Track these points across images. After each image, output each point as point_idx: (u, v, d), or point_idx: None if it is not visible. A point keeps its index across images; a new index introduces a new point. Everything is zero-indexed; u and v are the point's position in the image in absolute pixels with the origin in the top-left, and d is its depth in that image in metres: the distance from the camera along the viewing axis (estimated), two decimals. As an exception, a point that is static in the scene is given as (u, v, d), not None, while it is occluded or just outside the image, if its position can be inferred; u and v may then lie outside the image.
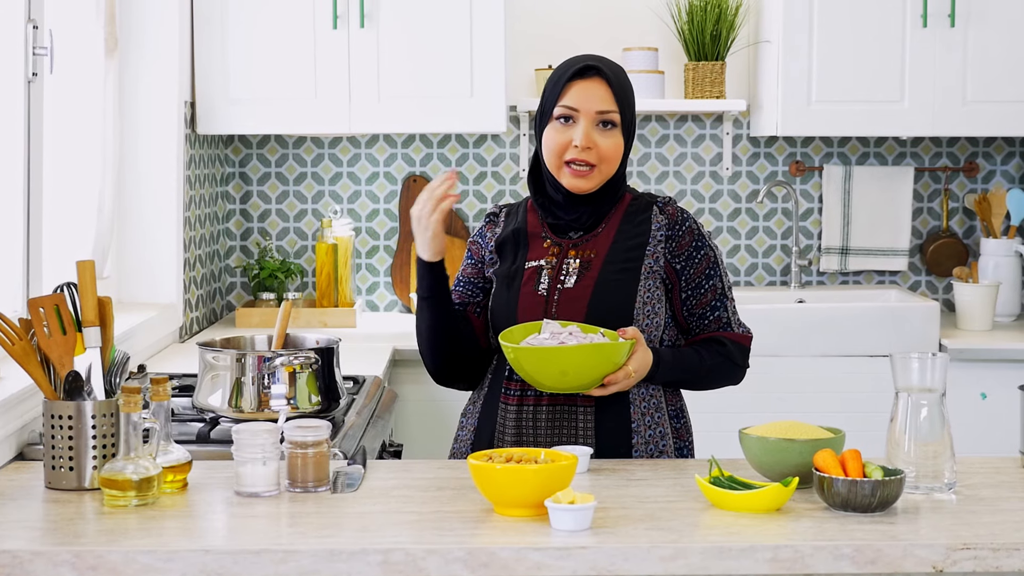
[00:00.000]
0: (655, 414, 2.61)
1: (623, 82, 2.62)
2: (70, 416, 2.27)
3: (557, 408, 2.56)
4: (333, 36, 4.13)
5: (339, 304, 4.37)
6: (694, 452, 2.72)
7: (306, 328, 4.16)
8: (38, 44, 2.99)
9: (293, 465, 2.26)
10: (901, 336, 4.11)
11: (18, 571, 1.91)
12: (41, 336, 2.31)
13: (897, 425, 2.28)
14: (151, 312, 3.67)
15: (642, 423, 2.58)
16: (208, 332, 4.20)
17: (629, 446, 2.56)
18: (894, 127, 4.33)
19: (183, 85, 3.97)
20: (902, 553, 1.97)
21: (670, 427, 2.63)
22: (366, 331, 4.23)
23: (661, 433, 2.60)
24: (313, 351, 2.66)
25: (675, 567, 1.95)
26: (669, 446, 2.61)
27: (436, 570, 1.93)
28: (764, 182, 4.68)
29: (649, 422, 2.60)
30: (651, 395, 2.61)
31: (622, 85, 2.61)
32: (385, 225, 4.63)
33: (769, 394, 4.08)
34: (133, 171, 3.86)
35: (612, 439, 2.56)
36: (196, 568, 1.92)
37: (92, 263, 2.36)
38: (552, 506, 2.03)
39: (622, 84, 2.61)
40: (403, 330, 4.20)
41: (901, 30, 4.25)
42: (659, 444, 2.59)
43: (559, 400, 2.55)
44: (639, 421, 2.58)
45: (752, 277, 4.70)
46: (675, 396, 2.67)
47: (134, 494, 2.15)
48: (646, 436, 2.59)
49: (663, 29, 4.58)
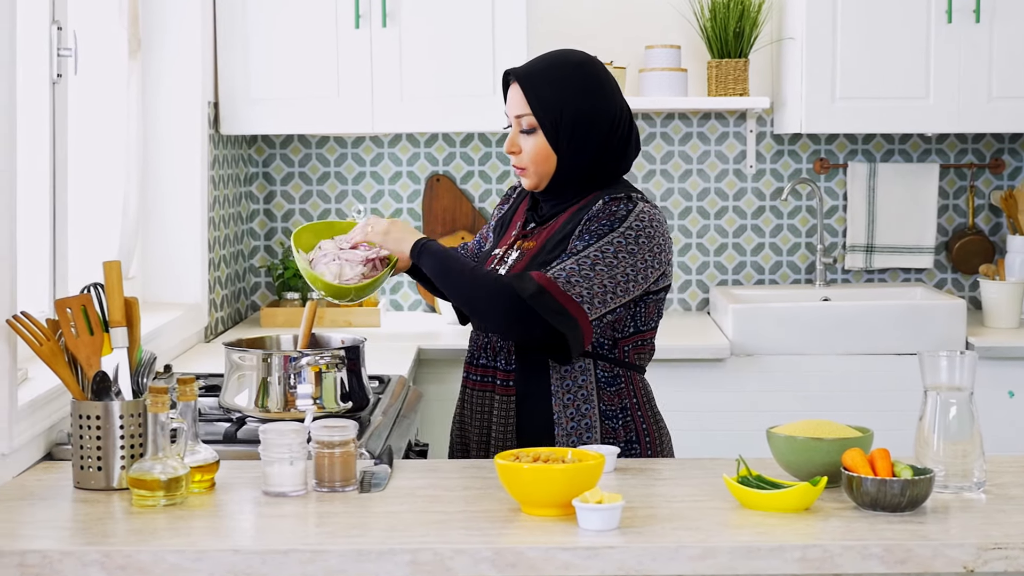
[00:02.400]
0: (582, 406, 2.62)
1: (540, 84, 2.62)
2: (98, 416, 2.28)
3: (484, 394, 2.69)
4: (355, 35, 4.13)
5: (363, 304, 4.37)
6: (672, 452, 2.76)
7: (331, 328, 4.17)
8: (62, 45, 2.99)
9: (320, 465, 2.26)
10: (927, 334, 4.09)
11: (47, 571, 1.92)
12: (69, 337, 2.32)
13: (926, 424, 2.27)
14: (176, 312, 3.68)
15: (563, 415, 2.62)
16: (233, 332, 4.20)
17: (552, 437, 2.62)
18: (919, 124, 4.31)
19: (206, 86, 3.98)
20: (932, 553, 1.96)
21: (599, 421, 2.63)
22: (390, 330, 4.24)
23: (587, 425, 2.62)
24: (339, 351, 2.66)
25: (703, 567, 1.94)
26: (595, 439, 2.62)
27: (464, 570, 1.93)
28: (788, 180, 4.66)
29: (572, 414, 2.62)
30: (579, 387, 2.63)
31: (537, 88, 2.62)
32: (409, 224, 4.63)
33: (794, 392, 4.07)
34: (157, 172, 3.86)
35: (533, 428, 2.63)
36: (224, 568, 1.92)
37: (118, 264, 2.36)
38: (580, 506, 2.02)
39: (537, 87, 2.62)
40: (427, 329, 4.20)
41: (926, 26, 4.23)
42: (583, 436, 2.62)
43: (486, 386, 2.69)
44: (560, 413, 2.62)
45: (776, 275, 4.69)
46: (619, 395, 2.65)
47: (162, 494, 2.15)
48: (568, 428, 2.62)
49: (685, 26, 4.57)
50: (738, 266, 4.68)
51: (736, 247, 4.68)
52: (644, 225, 2.57)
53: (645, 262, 2.57)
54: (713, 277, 4.69)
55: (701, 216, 4.67)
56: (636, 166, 4.64)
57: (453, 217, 4.60)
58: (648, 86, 4.43)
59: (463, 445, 2.77)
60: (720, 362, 4.07)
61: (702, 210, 4.67)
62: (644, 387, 2.71)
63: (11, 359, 2.34)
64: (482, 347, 2.72)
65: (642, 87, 4.46)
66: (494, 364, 2.69)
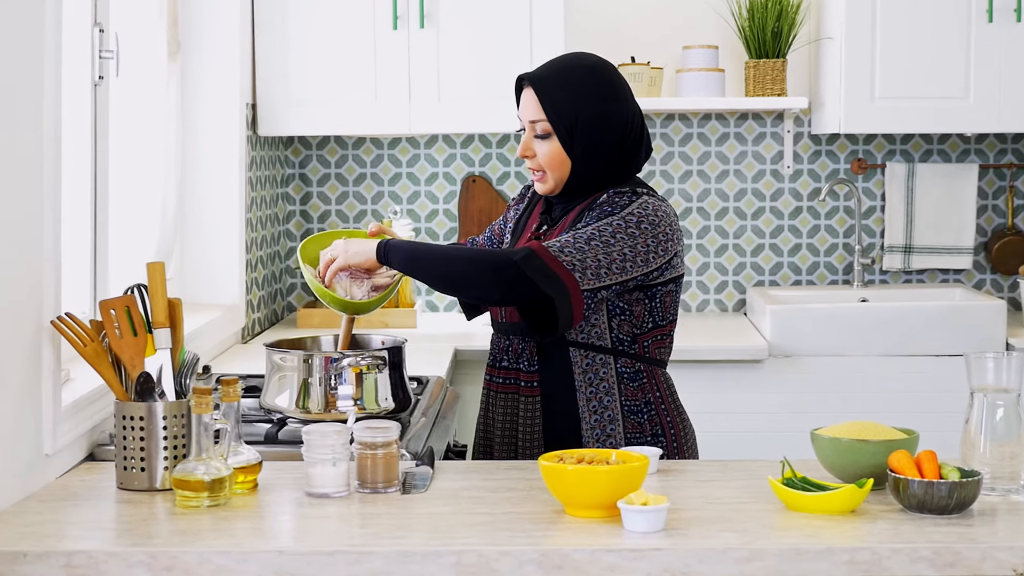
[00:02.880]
0: (604, 399, 2.63)
1: (552, 88, 2.62)
2: (141, 417, 2.28)
3: (508, 396, 2.70)
4: (393, 37, 4.13)
5: (399, 305, 4.37)
6: (696, 453, 2.76)
7: (367, 329, 4.16)
8: (104, 48, 3.01)
9: (363, 466, 2.26)
10: (967, 335, 4.06)
11: (93, 571, 1.92)
12: (112, 337, 2.32)
13: (972, 426, 2.25)
14: (214, 313, 3.69)
15: (587, 408, 2.62)
16: (270, 333, 4.21)
17: (578, 433, 2.62)
18: (959, 124, 4.28)
19: (244, 87, 3.99)
20: (981, 556, 1.94)
21: (620, 415, 2.63)
22: (426, 331, 4.23)
23: (610, 418, 2.63)
24: (381, 352, 2.66)
25: (750, 569, 1.93)
26: (619, 433, 2.62)
27: (509, 572, 1.92)
28: (826, 180, 4.64)
29: (596, 407, 2.63)
30: (601, 380, 2.63)
31: (551, 93, 2.62)
32: (444, 225, 4.63)
33: (833, 394, 4.05)
34: (195, 173, 3.87)
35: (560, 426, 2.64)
36: (270, 569, 1.92)
37: (162, 265, 2.37)
38: (625, 507, 2.01)
39: (551, 93, 2.62)
40: (463, 330, 4.19)
41: (966, 25, 4.20)
42: (606, 429, 2.62)
43: (510, 388, 2.69)
44: (584, 407, 2.63)
45: (814, 276, 4.66)
46: (642, 390, 2.65)
47: (206, 495, 2.15)
48: (592, 422, 2.62)
49: (723, 27, 4.55)
50: (775, 267, 4.66)
51: (773, 248, 4.66)
52: (647, 213, 2.57)
53: (647, 247, 2.55)
54: (750, 278, 4.67)
55: (738, 217, 4.65)
56: (672, 167, 4.63)
57: (489, 218, 4.59)
58: (685, 86, 4.42)
59: (486, 447, 2.77)
60: (758, 363, 4.06)
61: (739, 211, 4.66)
62: (666, 381, 2.71)
63: (55, 360, 2.35)
64: (503, 349, 2.72)
65: (679, 88, 4.44)
66: (516, 366, 2.69)
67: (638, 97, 4.37)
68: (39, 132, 2.30)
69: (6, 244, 2.16)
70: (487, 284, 2.55)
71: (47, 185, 2.31)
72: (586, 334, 2.62)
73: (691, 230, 4.66)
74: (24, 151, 2.24)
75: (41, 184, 2.30)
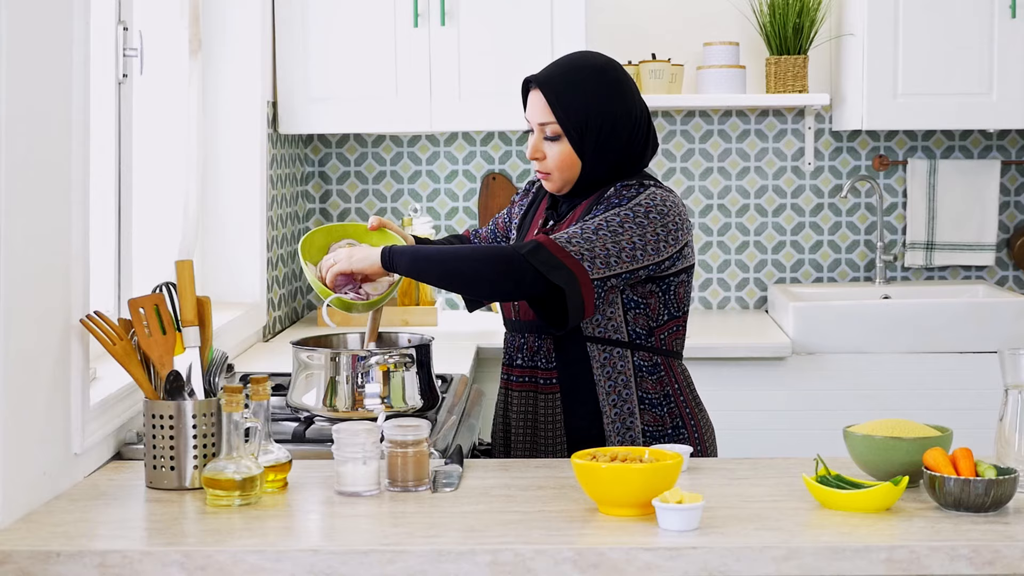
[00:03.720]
0: (622, 391, 2.62)
1: (561, 90, 2.61)
2: (171, 416, 2.27)
3: (526, 394, 2.69)
4: (414, 34, 4.12)
5: (420, 303, 4.36)
6: (715, 445, 2.75)
7: (387, 327, 4.15)
8: (128, 45, 3.00)
9: (393, 464, 2.25)
10: (990, 333, 4.04)
11: (127, 571, 1.91)
12: (141, 336, 2.32)
13: (1007, 423, 2.23)
14: (236, 312, 3.68)
15: (607, 402, 2.62)
16: (291, 331, 4.20)
17: (600, 427, 2.62)
18: (982, 120, 4.26)
19: (265, 85, 3.98)
20: (1021, 554, 1.92)
21: (638, 407, 2.62)
22: (447, 329, 4.22)
23: (629, 411, 2.62)
24: (408, 350, 2.65)
25: (788, 568, 1.91)
26: (637, 425, 2.61)
27: (545, 571, 1.91)
28: (847, 177, 4.62)
29: (615, 400, 2.62)
30: (619, 372, 2.62)
31: (560, 96, 2.60)
32: (464, 223, 4.62)
33: (857, 391, 4.03)
34: (217, 171, 3.87)
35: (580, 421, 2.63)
36: (304, 568, 1.91)
37: (191, 263, 2.36)
38: (660, 506, 2.00)
39: (560, 95, 2.60)
40: (484, 328, 4.18)
41: (989, 21, 4.18)
42: (626, 422, 2.62)
43: (527, 386, 2.69)
44: (604, 400, 2.62)
45: (835, 273, 4.65)
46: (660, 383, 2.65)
47: (237, 494, 2.14)
48: (612, 415, 2.62)
49: (744, 23, 4.54)
50: (796, 264, 4.65)
51: (794, 245, 4.64)
52: (655, 203, 2.56)
53: (656, 235, 2.54)
54: (771, 275, 4.65)
55: (759, 214, 4.64)
56: (693, 164, 4.62)
57: (509, 216, 4.58)
58: (706, 83, 4.40)
59: (505, 446, 2.76)
60: (781, 360, 4.04)
61: (760, 208, 4.64)
62: (684, 373, 2.71)
63: (84, 359, 2.34)
64: (518, 348, 2.72)
65: (700, 84, 4.43)
66: (533, 363, 2.68)
67: (658, 94, 4.38)
68: (68, 131, 2.29)
69: (35, 242, 2.15)
70: (496, 280, 2.54)
71: (75, 183, 2.31)
72: (603, 328, 2.62)
73: (712, 227, 4.64)
74: (53, 150, 2.24)
75: (70, 182, 2.29)
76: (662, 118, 4.60)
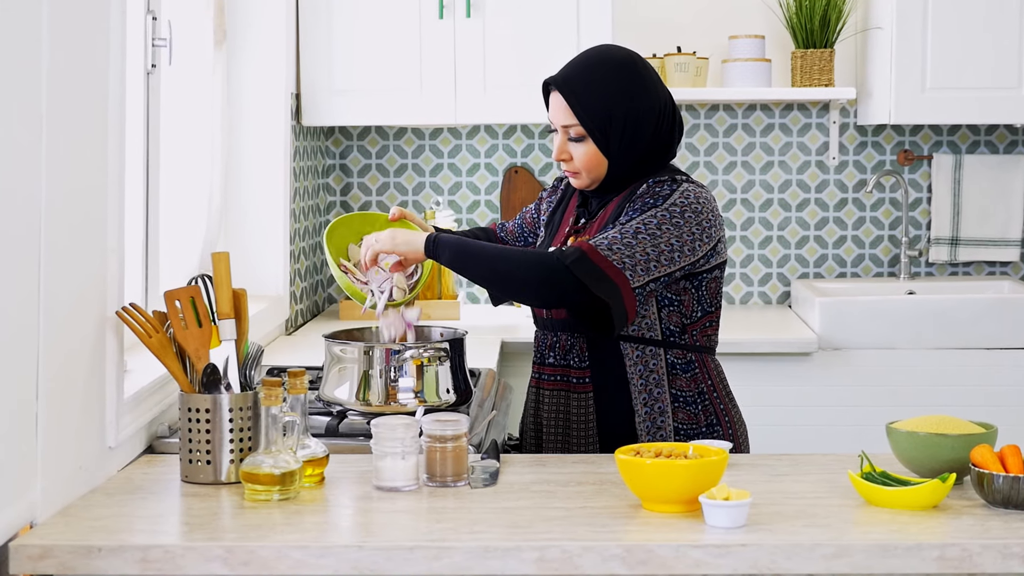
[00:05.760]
0: (654, 390, 2.60)
1: (581, 91, 2.57)
2: (207, 410, 2.25)
3: (558, 393, 2.66)
4: (439, 26, 4.09)
5: (442, 297, 4.34)
6: (748, 441, 2.73)
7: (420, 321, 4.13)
8: (157, 36, 2.98)
9: (432, 459, 2.23)
10: (1016, 328, 4.02)
11: (169, 566, 1.89)
12: (177, 328, 2.29)
13: (1053, 420, 2.21)
14: (260, 305, 3.66)
15: (639, 400, 2.60)
16: (314, 324, 4.18)
17: (632, 426, 2.60)
18: (1011, 114, 4.23)
19: (289, 77, 3.95)
20: (1073, 552, 1.90)
21: (670, 406, 2.60)
22: (469, 323, 4.19)
23: (660, 410, 2.60)
24: (442, 344, 2.63)
25: (838, 565, 1.89)
26: (668, 424, 2.59)
27: (593, 567, 1.89)
28: (871, 171, 4.59)
29: (646, 399, 2.60)
30: (651, 371, 2.59)
31: (581, 97, 2.57)
32: (486, 216, 4.60)
33: (883, 387, 4.01)
34: (240, 163, 3.84)
35: (613, 420, 2.61)
36: (348, 564, 1.89)
37: (227, 255, 2.34)
38: (707, 502, 1.97)
39: (580, 96, 2.57)
40: (507, 322, 4.16)
41: (1019, 15, 4.15)
42: (656, 421, 2.59)
43: (559, 385, 2.66)
44: (637, 399, 2.60)
45: (859, 268, 4.62)
46: (694, 380, 2.63)
47: (276, 488, 2.12)
48: (643, 414, 2.60)
49: (770, 17, 4.51)
50: (819, 259, 4.62)
51: (818, 240, 4.61)
52: (690, 201, 2.54)
53: (692, 235, 2.52)
54: (794, 270, 4.62)
55: (782, 208, 4.61)
56: (717, 158, 4.59)
57: (531, 209, 4.55)
58: (731, 77, 4.37)
59: (536, 443, 2.73)
60: (807, 356, 4.02)
61: (783, 202, 4.61)
62: (717, 369, 2.68)
63: (119, 352, 2.32)
64: (550, 346, 2.69)
65: (725, 78, 4.40)
66: (565, 362, 2.66)
67: (683, 87, 4.35)
68: (104, 123, 2.26)
69: (71, 235, 2.13)
70: (538, 287, 2.52)
71: (111, 175, 2.28)
72: (637, 326, 2.59)
73: (735, 221, 4.61)
74: (91, 142, 2.21)
75: (106, 175, 2.27)
76: (686, 112, 4.57)
